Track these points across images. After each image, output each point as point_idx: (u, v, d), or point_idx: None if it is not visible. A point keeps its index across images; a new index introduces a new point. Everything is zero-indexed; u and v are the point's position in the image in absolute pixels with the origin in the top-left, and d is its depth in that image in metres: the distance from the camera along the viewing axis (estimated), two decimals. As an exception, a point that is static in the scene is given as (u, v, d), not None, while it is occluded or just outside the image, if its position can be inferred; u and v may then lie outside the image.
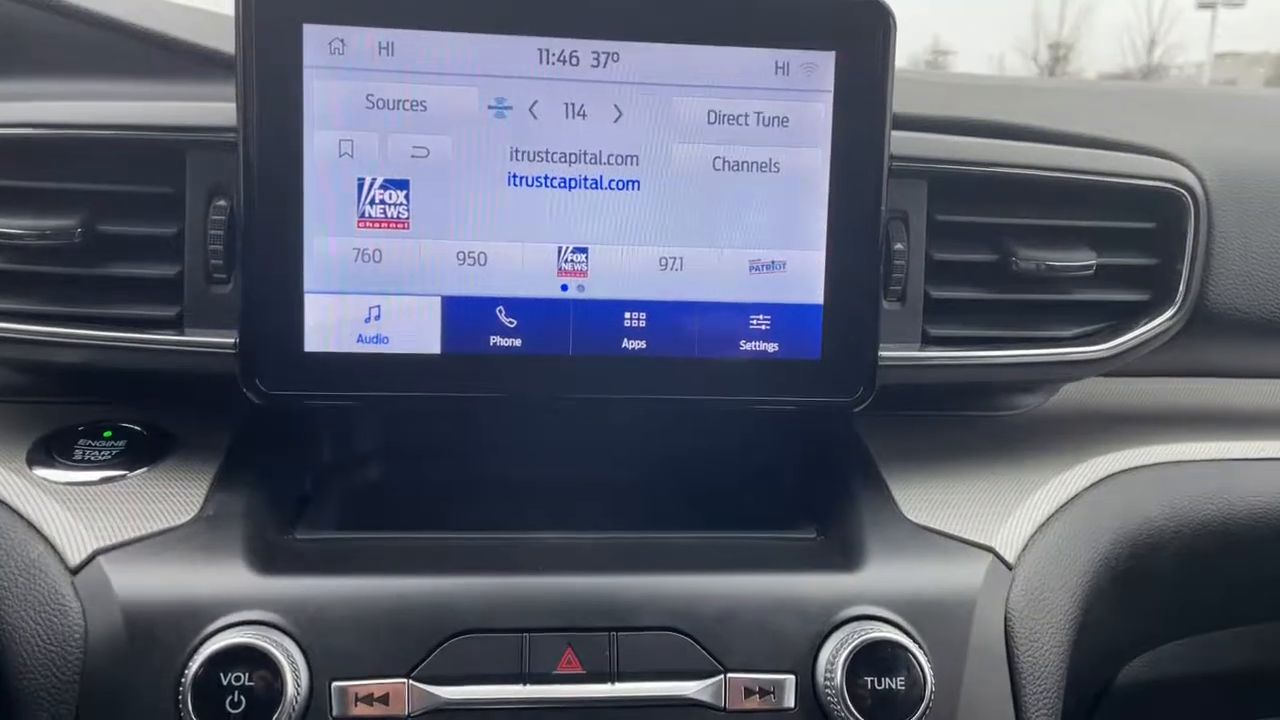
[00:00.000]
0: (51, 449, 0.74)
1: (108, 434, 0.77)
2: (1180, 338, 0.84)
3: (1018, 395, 0.90)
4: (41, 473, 0.72)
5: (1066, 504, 0.78)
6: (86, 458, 0.74)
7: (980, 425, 0.88)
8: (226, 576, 0.65)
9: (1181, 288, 0.82)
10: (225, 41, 0.81)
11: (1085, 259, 0.79)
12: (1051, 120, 0.86)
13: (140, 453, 0.75)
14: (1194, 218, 0.82)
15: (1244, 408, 0.94)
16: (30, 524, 0.68)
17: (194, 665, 0.61)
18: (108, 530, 0.68)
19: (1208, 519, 0.83)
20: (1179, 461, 0.85)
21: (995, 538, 0.73)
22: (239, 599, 0.64)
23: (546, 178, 0.71)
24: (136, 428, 0.78)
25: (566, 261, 0.72)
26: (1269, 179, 0.85)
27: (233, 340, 0.71)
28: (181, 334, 0.72)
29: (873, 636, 0.65)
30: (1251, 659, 1.00)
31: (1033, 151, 0.81)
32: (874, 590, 0.69)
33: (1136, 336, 0.81)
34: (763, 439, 0.88)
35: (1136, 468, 0.83)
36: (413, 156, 0.70)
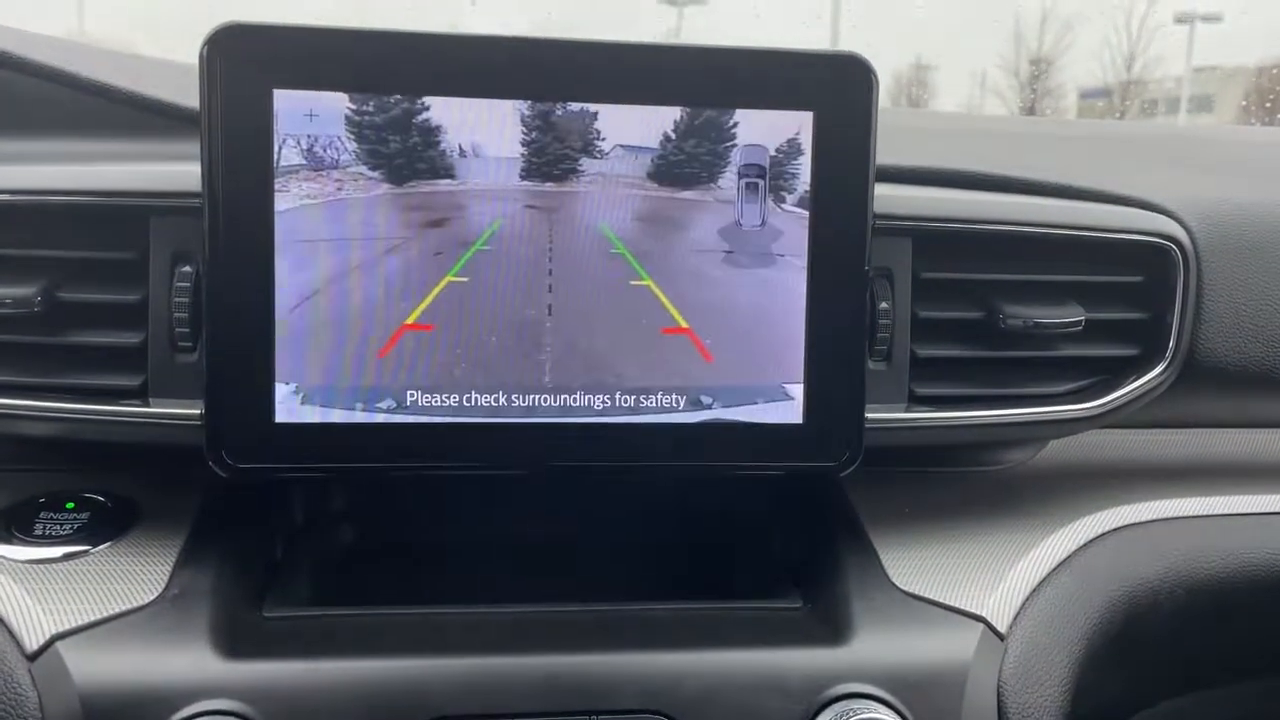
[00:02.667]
0: (11, 525, 0.72)
1: (70, 505, 0.74)
2: (1171, 390, 0.82)
3: (1006, 450, 0.89)
4: (0, 550, 0.70)
5: (1058, 567, 0.76)
6: (48, 533, 0.71)
7: (968, 481, 0.86)
8: (191, 661, 0.63)
9: (1172, 342, 0.81)
10: (193, 96, 0.79)
11: (1073, 315, 0.78)
12: (1036, 170, 0.84)
13: (104, 526, 0.73)
14: (1183, 271, 0.80)
15: (1235, 459, 0.92)
16: None
17: None
18: (67, 613, 0.65)
19: (1203, 577, 0.81)
20: (1171, 518, 0.83)
21: (985, 606, 0.72)
22: (205, 686, 0.62)
23: (522, 242, 0.69)
24: (100, 498, 0.75)
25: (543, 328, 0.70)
26: (1257, 230, 0.84)
27: (198, 411, 0.69)
28: (146, 404, 0.70)
29: (865, 717, 0.63)
30: (1252, 713, 0.98)
31: (1018, 206, 0.79)
32: (862, 665, 0.67)
33: (1128, 393, 0.80)
34: (746, 498, 0.86)
35: (1128, 525, 0.81)
36: (385, 222, 0.68)
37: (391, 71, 0.66)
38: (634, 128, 0.69)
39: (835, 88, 0.69)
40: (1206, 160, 0.97)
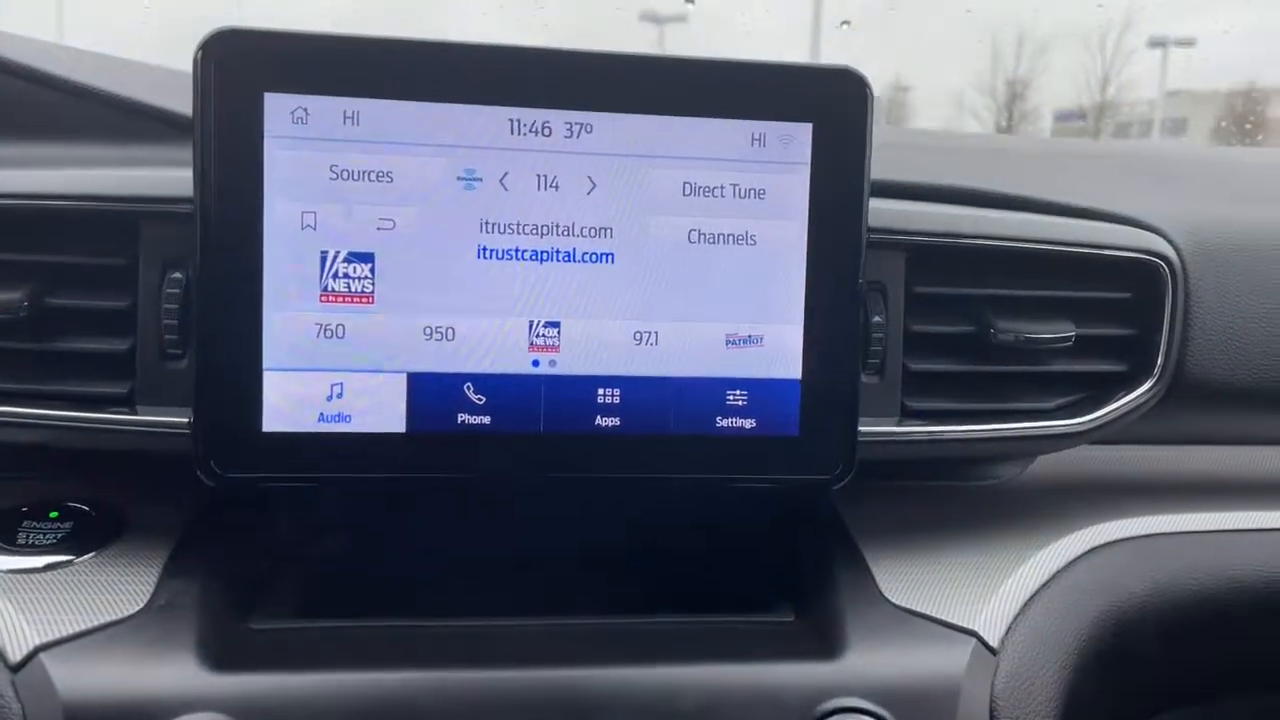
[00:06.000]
0: (-7, 533, 0.71)
1: (54, 514, 0.73)
2: (1158, 407, 0.83)
3: (995, 466, 0.89)
4: (-18, 558, 0.69)
5: (1048, 582, 0.76)
6: (31, 541, 0.70)
7: (957, 496, 0.87)
8: (178, 673, 0.62)
9: (1160, 358, 0.81)
10: (184, 102, 0.79)
11: (1064, 330, 0.78)
12: (1028, 186, 0.85)
13: (88, 536, 0.71)
14: (1171, 288, 0.81)
15: (1221, 476, 0.93)
16: None
17: None
18: (51, 623, 0.64)
19: (1190, 593, 0.81)
20: (1158, 534, 0.84)
21: (977, 620, 0.71)
22: (192, 698, 0.60)
23: (517, 250, 0.69)
24: (84, 508, 0.74)
25: (538, 336, 0.69)
26: (1245, 248, 0.85)
27: (186, 419, 0.68)
28: (133, 412, 0.69)
29: (856, 732, 0.62)
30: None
31: (1011, 222, 0.80)
32: (855, 679, 0.66)
33: (1117, 409, 0.80)
34: (735, 512, 0.86)
35: (1116, 541, 0.82)
36: (379, 229, 0.67)
37: (383, 77, 0.66)
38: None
39: (833, 100, 0.69)
40: (1190, 179, 0.98)
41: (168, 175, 0.70)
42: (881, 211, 0.75)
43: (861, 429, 0.72)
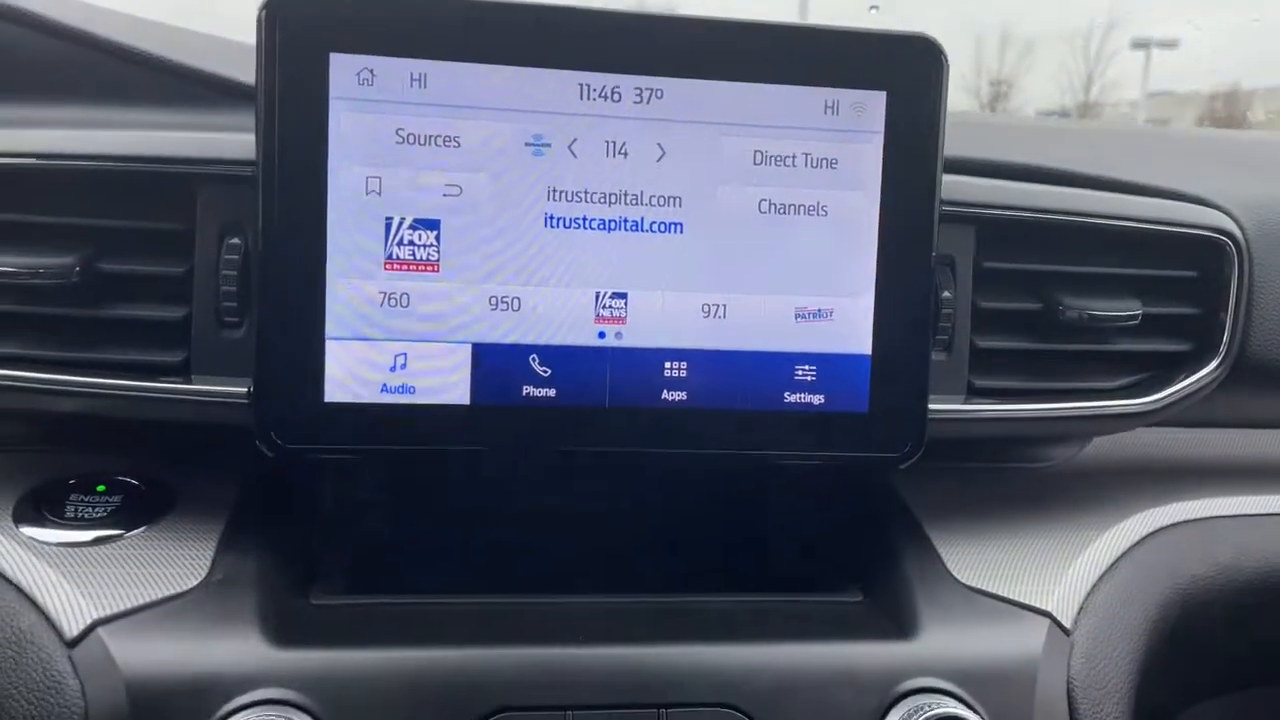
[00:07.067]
0: (41, 505, 0.68)
1: (101, 488, 0.71)
2: (1220, 388, 0.82)
3: (1054, 447, 0.87)
4: (30, 532, 0.67)
5: (1115, 563, 0.75)
6: (79, 515, 0.68)
7: (1016, 478, 0.85)
8: (241, 649, 0.60)
9: (1225, 338, 0.80)
10: (239, 70, 0.77)
11: (1131, 308, 0.77)
12: (1092, 166, 0.84)
13: (137, 510, 0.69)
14: (1237, 266, 0.80)
15: (1277, 459, 0.92)
16: (20, 590, 0.62)
17: None
18: (107, 598, 0.62)
19: (1251, 575, 0.80)
20: (1219, 517, 0.82)
21: (1050, 601, 0.70)
22: (256, 674, 0.59)
23: (585, 219, 0.67)
24: (133, 481, 0.72)
25: (604, 308, 0.68)
26: (1308, 228, 0.84)
27: (244, 389, 0.66)
28: (188, 382, 0.67)
29: (939, 712, 0.61)
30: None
31: (1079, 198, 0.78)
32: (932, 660, 0.65)
33: (1182, 389, 0.79)
34: (796, 494, 0.84)
35: (1179, 523, 0.81)
36: (444, 195, 0.65)
37: (451, 38, 0.64)
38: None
39: (907, 68, 0.68)
40: (1259, 161, 0.96)
41: (226, 138, 0.68)
42: (951, 184, 0.73)
43: (931, 406, 0.71)
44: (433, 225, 0.65)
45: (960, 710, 0.62)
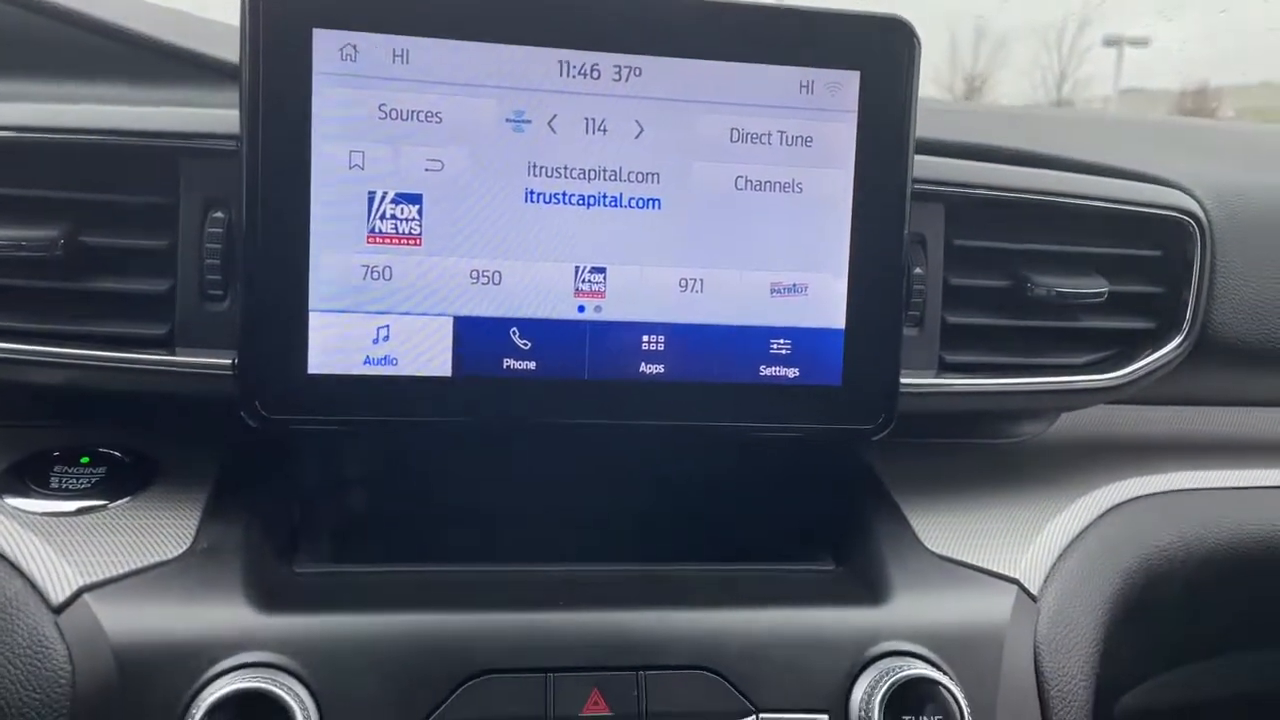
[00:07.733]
0: (25, 477, 0.69)
1: (85, 460, 0.71)
2: (1182, 365, 0.84)
3: (1022, 423, 0.90)
4: (14, 502, 0.67)
5: (1082, 534, 0.77)
6: (64, 486, 0.69)
7: (985, 453, 0.87)
8: (228, 615, 0.61)
9: (1188, 316, 0.82)
10: (221, 48, 0.77)
11: (1097, 286, 0.79)
12: (1062, 149, 0.86)
13: (121, 481, 0.70)
14: (1200, 246, 0.82)
15: (1241, 437, 0.94)
16: (5, 558, 0.63)
17: (196, 713, 0.56)
18: (93, 565, 0.63)
19: (1214, 547, 0.83)
20: (1184, 490, 0.85)
21: (1018, 568, 0.72)
22: (242, 639, 0.60)
23: (565, 194, 0.68)
24: (116, 453, 0.72)
25: (584, 282, 0.69)
26: (1269, 211, 0.86)
27: (227, 361, 0.67)
28: (173, 354, 0.68)
29: (909, 674, 0.63)
30: (1247, 686, 1.00)
31: (1047, 178, 0.80)
32: (903, 624, 0.67)
33: (1144, 365, 0.81)
34: (770, 466, 0.86)
35: (1144, 496, 0.83)
36: (426, 170, 0.66)
37: (434, 15, 0.65)
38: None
39: (881, 49, 0.69)
40: (1222, 146, 0.99)
41: (210, 114, 0.68)
42: (923, 164, 0.75)
43: (902, 380, 0.72)
44: (415, 200, 0.66)
45: (930, 672, 0.63)
